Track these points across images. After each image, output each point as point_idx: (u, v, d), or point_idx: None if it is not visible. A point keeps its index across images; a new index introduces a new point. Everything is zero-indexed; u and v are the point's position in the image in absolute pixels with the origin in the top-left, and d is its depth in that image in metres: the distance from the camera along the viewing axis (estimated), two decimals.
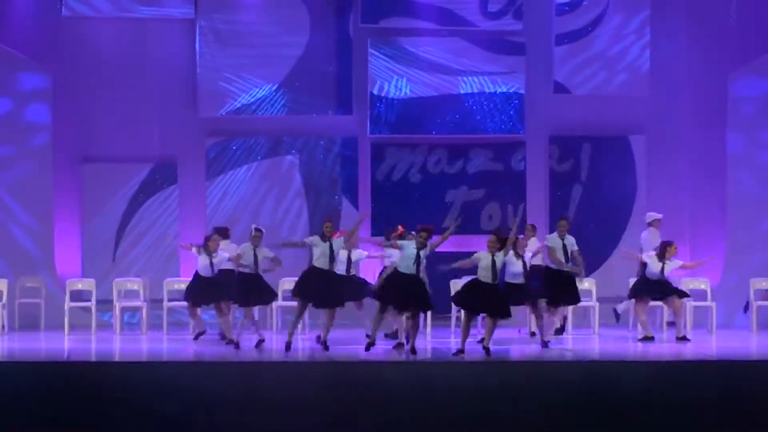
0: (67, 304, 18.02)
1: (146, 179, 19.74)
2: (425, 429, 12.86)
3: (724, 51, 19.62)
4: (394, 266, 15.36)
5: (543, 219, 19.42)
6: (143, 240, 19.47)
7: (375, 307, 15.52)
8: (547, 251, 16.84)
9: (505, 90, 19.94)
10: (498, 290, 15.29)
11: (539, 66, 20.01)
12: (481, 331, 17.49)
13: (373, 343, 15.23)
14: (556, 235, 16.73)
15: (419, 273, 15.11)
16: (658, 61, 19.92)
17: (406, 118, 19.91)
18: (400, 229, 16.10)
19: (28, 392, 13.09)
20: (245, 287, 16.47)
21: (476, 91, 19.96)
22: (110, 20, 19.66)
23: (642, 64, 19.93)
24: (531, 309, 16.76)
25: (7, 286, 18.25)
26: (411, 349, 15.04)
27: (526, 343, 16.80)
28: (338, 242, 15.75)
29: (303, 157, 19.91)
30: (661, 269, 16.99)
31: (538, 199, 19.80)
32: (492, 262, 15.03)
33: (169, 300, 17.90)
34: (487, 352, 14.98)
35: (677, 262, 17.18)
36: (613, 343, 16.80)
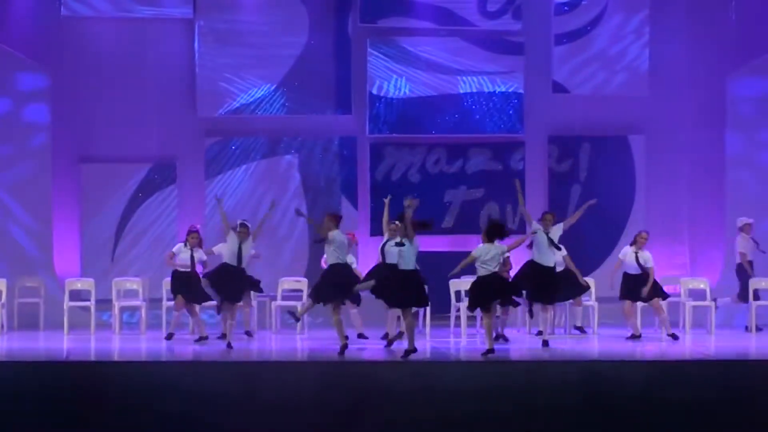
0: (67, 303, 18.02)
1: (145, 179, 19.74)
2: (424, 429, 12.86)
3: (723, 51, 19.64)
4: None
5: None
6: (142, 240, 19.47)
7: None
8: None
9: (504, 90, 19.94)
10: (501, 278, 15.38)
11: (538, 66, 20.01)
12: (481, 332, 17.52)
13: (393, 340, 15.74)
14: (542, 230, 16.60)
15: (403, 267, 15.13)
16: (658, 61, 19.93)
17: (405, 117, 19.92)
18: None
19: (27, 392, 13.08)
20: (228, 282, 16.53)
21: (475, 90, 19.96)
22: (109, 20, 19.66)
23: (641, 64, 19.93)
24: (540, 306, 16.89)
25: (6, 285, 18.23)
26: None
27: (525, 343, 16.80)
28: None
29: (302, 157, 19.92)
30: (636, 258, 17.00)
31: (537, 198, 19.78)
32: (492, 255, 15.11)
33: (168, 299, 17.88)
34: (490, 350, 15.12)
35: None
36: (613, 342, 16.79)
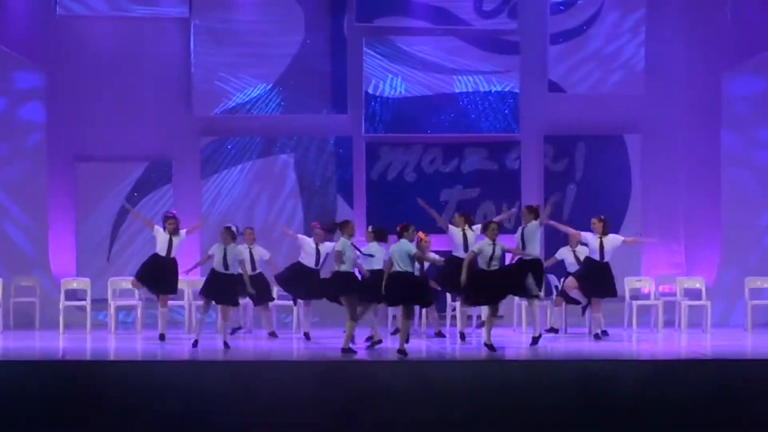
0: (62, 303, 18.01)
1: (141, 178, 19.73)
2: (423, 429, 12.86)
3: (719, 50, 19.64)
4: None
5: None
6: (138, 239, 19.42)
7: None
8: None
9: (499, 89, 19.94)
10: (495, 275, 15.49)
11: (534, 65, 20.00)
12: (477, 332, 17.53)
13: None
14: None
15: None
16: (653, 61, 19.93)
17: (400, 117, 19.91)
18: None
19: (23, 392, 13.07)
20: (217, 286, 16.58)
21: (471, 90, 19.96)
22: (105, 19, 19.64)
23: (637, 63, 19.93)
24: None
25: (1, 285, 18.23)
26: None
27: (522, 343, 16.80)
28: None
29: (298, 156, 19.91)
30: (600, 245, 16.99)
31: (532, 198, 19.74)
32: (492, 251, 15.29)
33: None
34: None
35: (617, 237, 17.16)
36: (609, 342, 16.79)
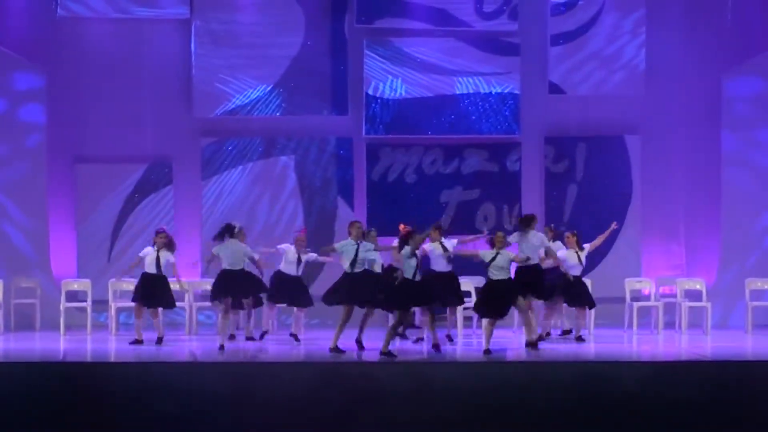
0: (63, 304, 18.01)
1: (141, 179, 19.73)
2: (422, 429, 12.87)
3: (719, 50, 19.65)
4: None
5: (538, 220, 19.37)
6: (139, 240, 19.42)
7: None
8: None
9: (500, 90, 19.94)
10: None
11: (534, 66, 20.02)
12: (477, 332, 17.54)
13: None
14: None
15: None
16: (654, 61, 19.93)
17: (401, 118, 19.92)
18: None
19: (23, 393, 13.08)
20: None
21: (471, 91, 19.96)
22: (105, 20, 19.64)
23: (637, 64, 19.94)
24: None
25: (2, 286, 18.21)
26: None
27: (522, 344, 16.80)
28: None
29: (298, 158, 19.92)
30: (578, 259, 17.02)
31: (533, 199, 19.80)
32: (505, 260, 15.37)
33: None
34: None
35: (586, 246, 17.24)
36: (609, 343, 16.79)
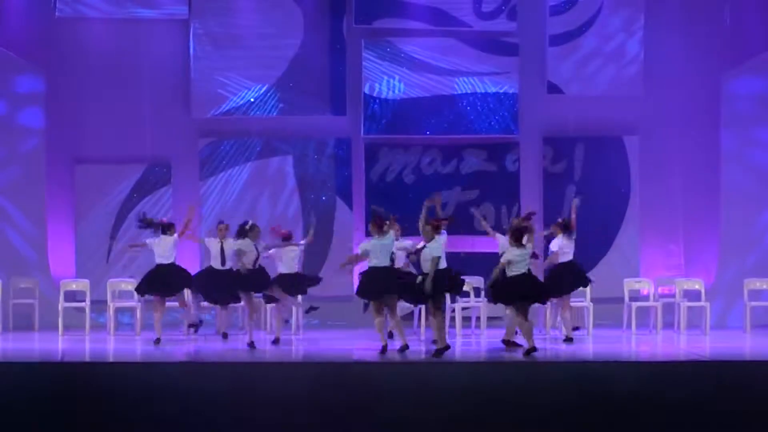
0: (61, 304, 18.00)
1: (140, 180, 19.73)
2: (422, 429, 12.87)
3: (717, 51, 19.66)
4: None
5: (537, 219, 19.35)
6: (137, 240, 19.39)
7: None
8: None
9: (498, 90, 19.94)
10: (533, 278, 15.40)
11: (533, 66, 20.01)
12: (476, 332, 17.55)
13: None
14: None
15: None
16: (652, 62, 19.93)
17: (399, 118, 19.92)
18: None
19: (22, 393, 13.07)
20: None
21: (470, 91, 19.96)
22: (104, 21, 19.64)
23: (636, 65, 19.92)
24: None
25: (0, 286, 18.22)
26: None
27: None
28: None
29: (296, 158, 19.91)
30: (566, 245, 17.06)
31: (531, 199, 19.79)
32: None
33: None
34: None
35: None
36: (608, 343, 16.79)
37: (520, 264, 14.98)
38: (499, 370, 13.98)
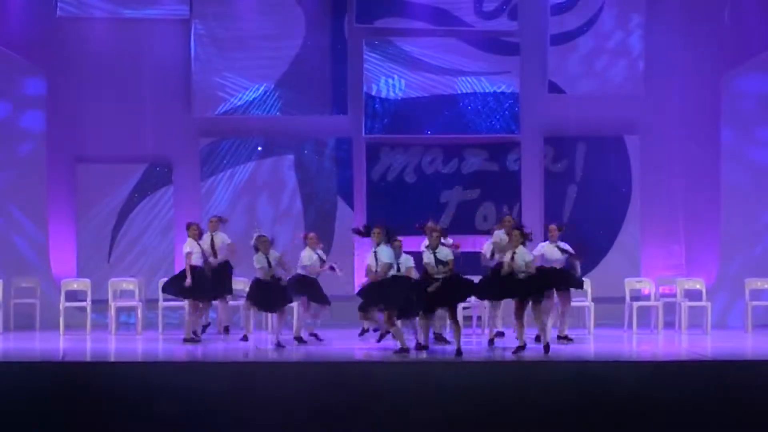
0: (63, 304, 18.01)
1: (141, 179, 19.73)
2: (422, 429, 12.87)
3: (718, 50, 19.64)
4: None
5: (538, 219, 19.34)
6: (138, 240, 19.46)
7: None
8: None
9: (499, 90, 19.94)
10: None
11: (534, 66, 20.00)
12: (477, 331, 17.54)
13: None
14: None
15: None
16: (653, 61, 19.92)
17: (400, 118, 19.91)
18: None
19: (23, 393, 13.09)
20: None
21: (471, 91, 19.96)
22: (105, 20, 19.64)
23: (637, 64, 19.91)
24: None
25: (1, 286, 18.23)
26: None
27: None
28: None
29: (297, 158, 19.91)
30: (559, 251, 16.81)
31: (533, 199, 19.80)
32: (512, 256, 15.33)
33: (165, 300, 17.89)
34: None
35: (563, 245, 17.01)
36: (609, 343, 16.79)
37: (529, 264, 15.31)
38: (499, 370, 13.99)
